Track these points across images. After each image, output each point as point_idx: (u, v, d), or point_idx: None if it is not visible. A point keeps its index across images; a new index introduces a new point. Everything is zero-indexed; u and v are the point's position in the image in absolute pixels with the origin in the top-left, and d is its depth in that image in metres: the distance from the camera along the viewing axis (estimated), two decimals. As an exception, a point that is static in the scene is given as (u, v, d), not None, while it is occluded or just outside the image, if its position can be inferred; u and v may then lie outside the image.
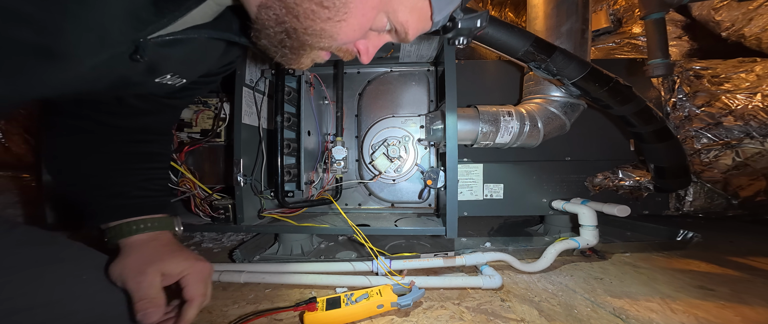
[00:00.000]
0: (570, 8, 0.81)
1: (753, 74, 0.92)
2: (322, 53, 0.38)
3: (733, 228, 1.14)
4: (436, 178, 0.86)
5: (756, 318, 0.55)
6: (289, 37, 0.34)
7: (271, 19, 0.33)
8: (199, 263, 0.46)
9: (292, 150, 0.85)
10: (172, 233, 0.49)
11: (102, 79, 0.36)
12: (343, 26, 0.34)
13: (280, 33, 0.34)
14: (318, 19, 0.33)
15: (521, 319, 0.55)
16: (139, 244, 0.45)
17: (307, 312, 0.54)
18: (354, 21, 0.34)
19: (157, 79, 0.41)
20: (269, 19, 0.33)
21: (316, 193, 0.97)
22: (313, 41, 0.35)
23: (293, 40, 0.34)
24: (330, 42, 0.35)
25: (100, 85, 0.37)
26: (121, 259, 0.43)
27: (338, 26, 0.33)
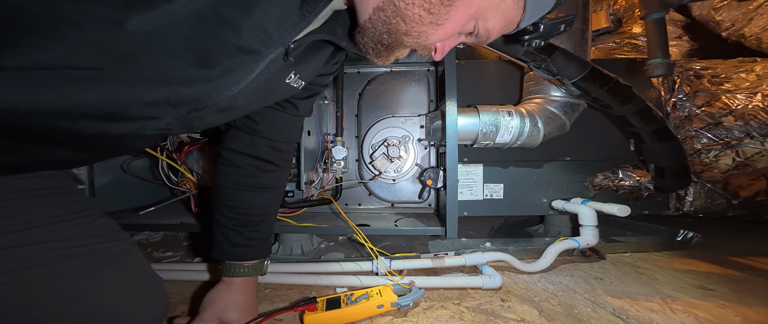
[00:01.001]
0: (570, 8, 0.81)
1: (753, 74, 0.92)
2: (406, 50, 0.41)
3: (733, 228, 1.14)
4: (436, 178, 0.86)
5: (756, 318, 0.55)
6: (389, 36, 0.37)
7: (380, 21, 0.36)
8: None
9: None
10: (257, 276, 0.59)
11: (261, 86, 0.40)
12: (439, 29, 0.37)
13: (384, 33, 0.37)
14: (421, 22, 0.36)
15: (521, 319, 0.55)
16: (234, 283, 0.55)
17: (307, 312, 0.54)
18: (450, 26, 0.37)
19: (287, 80, 0.45)
20: (379, 20, 0.36)
21: (316, 193, 0.97)
22: (409, 41, 0.38)
23: (392, 39, 0.38)
24: (423, 41, 0.38)
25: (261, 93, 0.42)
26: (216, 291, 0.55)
27: (436, 29, 0.37)
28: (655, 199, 0.95)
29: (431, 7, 0.34)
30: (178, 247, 0.96)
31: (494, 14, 0.37)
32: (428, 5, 0.34)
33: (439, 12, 0.35)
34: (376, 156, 0.99)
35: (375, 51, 0.40)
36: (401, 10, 0.35)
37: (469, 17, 0.37)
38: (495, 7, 0.36)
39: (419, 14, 0.35)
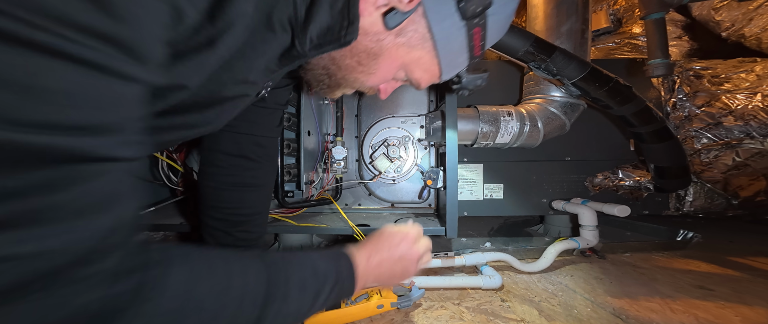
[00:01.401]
0: (570, 8, 0.81)
1: (753, 74, 0.92)
2: (350, 90, 0.48)
3: (733, 228, 1.14)
4: (436, 178, 0.86)
5: (756, 318, 0.55)
6: (329, 78, 0.44)
7: (320, 66, 0.43)
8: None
9: (292, 150, 0.84)
10: None
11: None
12: (371, 77, 0.44)
13: (323, 75, 0.44)
14: (354, 71, 0.43)
15: (521, 319, 0.55)
16: None
17: (307, 312, 0.54)
18: (380, 74, 0.43)
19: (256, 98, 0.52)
20: (318, 65, 0.43)
21: (316, 193, 0.97)
22: (346, 84, 0.45)
23: (332, 80, 0.44)
24: (359, 86, 0.46)
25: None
26: None
27: (368, 77, 0.43)
28: (655, 199, 0.95)
29: (361, 59, 0.41)
30: (178, 247, 0.96)
31: (417, 68, 0.44)
32: (358, 58, 0.41)
33: (367, 64, 0.42)
34: (376, 156, 0.99)
35: (318, 88, 0.46)
36: (336, 59, 0.42)
37: (396, 68, 0.43)
38: (416, 63, 0.43)
39: (351, 65, 0.42)
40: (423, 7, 0.38)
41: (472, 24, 0.40)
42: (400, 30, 0.39)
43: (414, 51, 0.41)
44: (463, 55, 0.44)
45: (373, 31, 0.39)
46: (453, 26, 0.40)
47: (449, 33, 0.40)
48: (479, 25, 0.41)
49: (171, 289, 0.24)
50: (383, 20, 0.38)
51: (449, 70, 0.46)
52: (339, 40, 0.37)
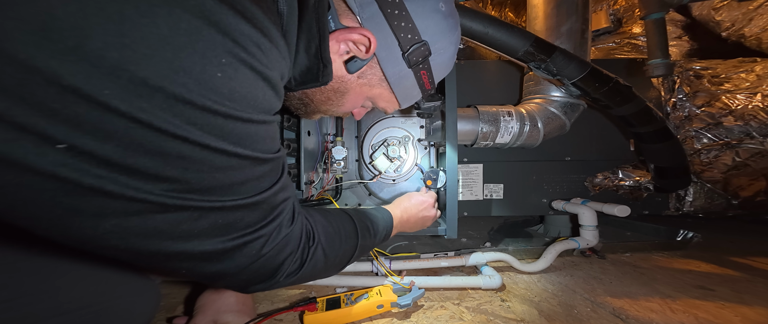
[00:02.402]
0: (570, 8, 0.81)
1: (753, 74, 0.92)
2: (327, 115, 0.57)
3: (733, 228, 1.14)
4: (436, 178, 0.86)
5: (756, 318, 0.55)
6: (305, 106, 0.52)
7: (296, 98, 0.51)
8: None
9: (292, 150, 0.84)
10: None
11: None
12: (341, 108, 0.52)
13: (300, 104, 0.52)
14: (324, 104, 0.51)
15: (521, 319, 0.55)
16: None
17: (307, 312, 0.54)
18: (348, 106, 0.52)
19: None
20: (294, 97, 0.51)
21: (316, 193, 0.97)
22: (320, 112, 0.54)
23: (308, 108, 0.53)
24: (332, 114, 0.55)
25: None
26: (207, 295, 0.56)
27: (338, 108, 0.52)
28: (655, 199, 0.95)
29: (329, 96, 0.49)
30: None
31: (379, 100, 0.52)
32: (326, 96, 0.49)
33: (335, 99, 0.50)
34: (376, 156, 0.99)
35: (298, 113, 0.55)
36: (308, 94, 0.49)
37: (361, 100, 0.52)
38: (379, 96, 0.51)
39: (321, 99, 0.50)
40: (377, 57, 0.47)
41: (418, 68, 0.49)
42: (361, 74, 0.48)
43: (374, 89, 0.50)
44: (416, 90, 0.52)
45: (338, 75, 0.47)
46: (402, 71, 0.48)
47: (400, 75, 0.49)
48: (424, 68, 0.49)
49: (320, 228, 0.43)
50: (346, 66, 0.46)
51: (407, 101, 0.54)
52: (318, 79, 0.44)
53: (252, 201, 0.32)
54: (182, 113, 0.24)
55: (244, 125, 0.29)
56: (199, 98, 0.25)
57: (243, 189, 0.31)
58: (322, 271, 0.43)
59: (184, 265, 0.31)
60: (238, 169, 0.30)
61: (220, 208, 0.29)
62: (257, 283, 0.37)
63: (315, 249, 0.40)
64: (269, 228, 0.34)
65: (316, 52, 0.41)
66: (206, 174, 0.27)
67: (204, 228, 0.30)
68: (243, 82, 0.28)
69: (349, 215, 0.52)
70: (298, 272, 0.39)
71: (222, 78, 0.26)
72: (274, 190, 0.34)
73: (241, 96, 0.28)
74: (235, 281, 0.36)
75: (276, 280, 0.37)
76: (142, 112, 0.23)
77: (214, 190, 0.29)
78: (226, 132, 0.27)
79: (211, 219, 0.30)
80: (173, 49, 0.23)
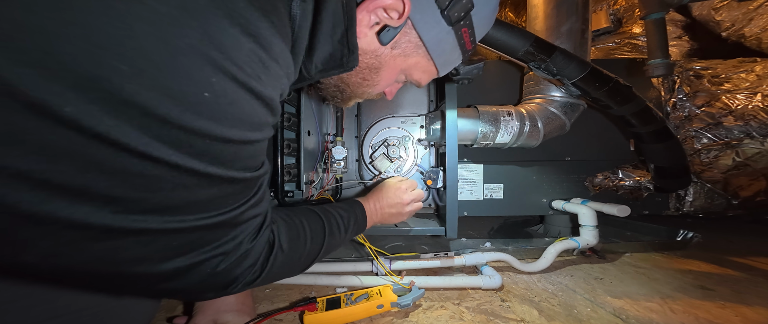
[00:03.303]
0: (570, 8, 0.81)
1: (753, 74, 0.92)
2: (361, 99, 0.54)
3: (733, 228, 1.14)
4: (436, 178, 0.86)
5: (756, 318, 0.55)
6: (341, 93, 0.51)
7: (331, 85, 0.50)
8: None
9: (292, 150, 0.84)
10: None
11: None
12: (376, 87, 0.50)
13: (335, 90, 0.50)
14: (360, 86, 0.49)
15: (521, 319, 0.55)
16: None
17: (307, 312, 0.54)
18: (383, 83, 0.49)
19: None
20: (330, 85, 0.49)
21: (316, 193, 0.97)
22: (356, 96, 0.52)
23: (343, 94, 0.51)
24: (367, 96, 0.53)
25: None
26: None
27: (373, 88, 0.50)
28: (655, 199, 0.95)
29: (365, 76, 0.47)
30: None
31: (415, 71, 0.49)
32: (362, 75, 0.47)
33: (371, 78, 0.47)
34: (376, 156, 0.99)
35: (333, 101, 0.54)
36: (343, 79, 0.48)
37: (395, 75, 0.49)
38: (414, 66, 0.48)
39: (357, 81, 0.48)
40: (411, 21, 0.42)
41: (459, 26, 0.44)
42: (395, 43, 0.44)
43: (410, 58, 0.46)
44: (456, 53, 0.48)
45: (371, 50, 0.44)
46: (441, 32, 0.44)
47: (439, 38, 0.45)
48: (465, 25, 0.44)
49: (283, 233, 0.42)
50: (378, 38, 0.42)
51: (445, 67, 0.50)
52: (342, 66, 0.42)
53: (214, 221, 0.30)
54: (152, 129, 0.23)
55: (224, 146, 0.27)
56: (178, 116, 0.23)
57: (207, 207, 0.29)
58: (282, 275, 0.43)
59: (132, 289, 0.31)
60: (205, 187, 0.28)
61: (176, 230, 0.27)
62: (210, 293, 0.36)
63: (274, 258, 0.39)
64: (229, 246, 0.32)
65: (343, 37, 0.39)
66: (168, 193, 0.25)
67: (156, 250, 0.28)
68: (233, 101, 0.26)
69: (318, 215, 0.50)
70: (254, 282, 0.37)
71: (209, 97, 0.24)
72: (242, 209, 0.32)
73: (229, 115, 0.26)
74: (187, 295, 0.38)
75: (230, 290, 0.36)
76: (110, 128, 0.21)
77: (173, 209, 0.27)
78: (201, 151, 0.26)
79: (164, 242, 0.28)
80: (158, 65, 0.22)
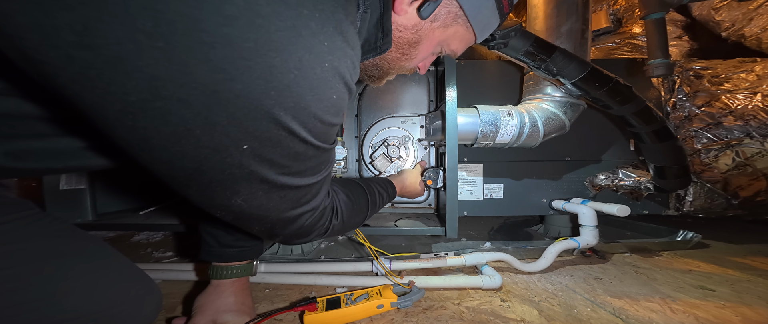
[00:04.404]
0: (570, 8, 0.81)
1: (753, 74, 0.92)
2: (393, 76, 0.53)
3: (733, 228, 1.14)
4: (436, 177, 0.86)
5: (756, 318, 0.55)
6: (378, 71, 0.50)
7: (371, 65, 0.48)
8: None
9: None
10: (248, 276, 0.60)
11: None
12: (413, 61, 0.49)
13: (374, 70, 0.50)
14: (399, 61, 0.48)
15: (521, 319, 0.55)
16: (223, 285, 0.56)
17: (307, 312, 0.54)
18: (420, 56, 0.49)
19: None
20: (369, 65, 0.48)
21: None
22: (393, 72, 0.51)
23: (381, 72, 0.50)
24: (403, 71, 0.52)
25: None
26: (205, 295, 0.55)
27: (411, 62, 0.49)
28: (655, 199, 0.95)
29: (404, 51, 0.46)
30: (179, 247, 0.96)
31: (453, 40, 0.48)
32: (402, 50, 0.46)
33: (410, 52, 0.47)
34: (376, 156, 0.99)
35: (368, 81, 0.53)
36: (383, 57, 0.46)
37: (434, 46, 0.48)
38: (452, 36, 0.47)
39: (396, 57, 0.47)
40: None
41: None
42: (435, 15, 0.43)
43: (449, 28, 0.45)
44: (495, 17, 0.47)
45: (411, 25, 0.43)
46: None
47: (480, 4, 0.44)
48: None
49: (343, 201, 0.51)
50: (418, 12, 0.42)
51: (483, 33, 0.49)
52: (377, 49, 0.43)
53: (315, 180, 0.39)
54: (308, 123, 0.32)
55: (329, 127, 0.35)
56: (321, 114, 0.32)
57: (315, 171, 0.38)
58: (340, 232, 0.53)
59: (260, 227, 0.40)
60: (316, 157, 0.36)
61: (300, 187, 0.37)
62: (298, 239, 0.45)
63: (337, 219, 0.48)
64: (315, 202, 0.42)
65: (378, 21, 0.40)
66: (301, 162, 0.35)
67: (289, 199, 0.37)
68: (338, 95, 0.33)
69: (364, 189, 0.60)
70: (324, 234, 0.47)
71: (334, 99, 0.32)
72: (324, 174, 0.40)
73: (335, 107, 0.33)
74: (289, 238, 0.44)
75: (310, 238, 0.46)
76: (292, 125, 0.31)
77: (303, 172, 0.36)
78: (320, 133, 0.34)
79: (294, 195, 0.37)
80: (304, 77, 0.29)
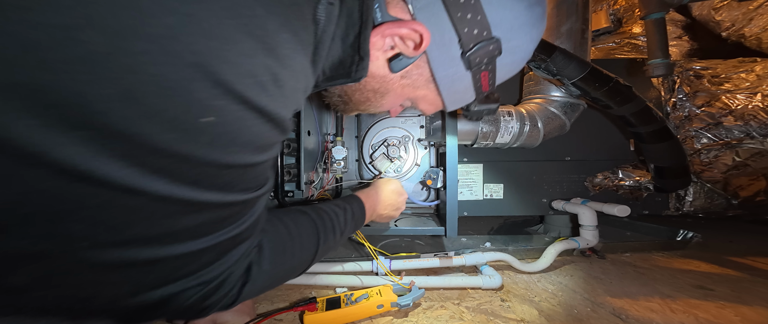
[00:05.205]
0: (570, 8, 0.81)
1: (753, 74, 0.92)
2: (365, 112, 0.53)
3: (733, 228, 1.14)
4: (436, 177, 0.86)
5: (756, 318, 0.55)
6: (344, 104, 0.49)
7: (336, 95, 0.48)
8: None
9: (292, 150, 0.84)
10: None
11: None
12: (380, 107, 0.48)
13: (340, 101, 0.49)
14: (364, 104, 0.47)
15: (521, 319, 0.55)
16: None
17: (307, 312, 0.54)
18: (387, 105, 0.48)
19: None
20: (335, 94, 0.48)
21: (316, 193, 0.97)
22: (359, 110, 0.50)
23: (347, 106, 0.49)
24: (370, 112, 0.51)
25: None
26: None
27: (377, 107, 0.48)
28: (655, 199, 0.95)
29: (368, 96, 0.45)
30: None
31: (421, 102, 0.47)
32: (365, 97, 0.45)
33: (374, 100, 0.46)
34: (376, 156, 0.99)
35: (336, 108, 0.51)
36: (347, 93, 0.46)
37: (401, 101, 0.47)
38: (422, 99, 0.46)
39: (361, 99, 0.46)
40: (427, 55, 0.40)
41: (479, 70, 0.40)
42: (405, 73, 0.42)
43: (419, 90, 0.44)
44: (470, 93, 0.45)
45: (380, 75, 0.41)
46: (457, 72, 0.41)
47: (453, 78, 0.41)
48: (487, 69, 0.40)
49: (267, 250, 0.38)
50: (389, 65, 0.40)
51: (454, 105, 0.48)
52: (349, 74, 0.38)
53: (200, 247, 0.28)
54: (137, 158, 0.21)
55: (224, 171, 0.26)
56: (169, 144, 0.22)
57: (195, 233, 0.27)
58: (265, 290, 0.40)
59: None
60: (194, 214, 0.26)
61: (152, 261, 0.26)
62: (180, 319, 0.38)
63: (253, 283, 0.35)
64: (211, 274, 0.30)
65: (354, 41, 0.36)
66: (149, 222, 0.24)
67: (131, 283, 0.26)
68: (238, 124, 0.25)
69: (312, 220, 0.46)
70: (229, 306, 0.34)
71: (209, 121, 0.23)
72: (233, 233, 0.30)
73: (231, 140, 0.25)
74: (165, 318, 0.37)
75: (206, 313, 0.33)
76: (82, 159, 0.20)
77: (153, 239, 0.25)
78: (195, 179, 0.24)
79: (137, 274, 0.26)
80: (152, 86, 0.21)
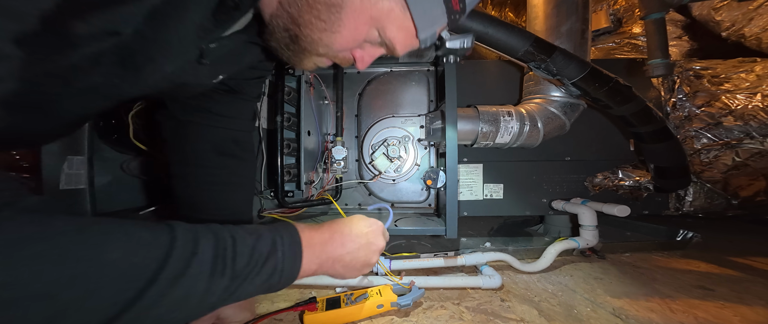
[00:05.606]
0: (570, 8, 0.81)
1: (753, 74, 0.92)
2: (323, 59, 0.42)
3: (733, 228, 1.15)
4: (436, 178, 0.86)
5: (756, 318, 0.55)
6: (293, 43, 0.39)
7: (279, 27, 0.38)
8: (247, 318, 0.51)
9: (292, 150, 0.84)
10: None
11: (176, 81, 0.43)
12: (337, 37, 0.38)
13: (286, 38, 0.39)
14: (316, 29, 0.37)
15: (521, 319, 0.55)
16: None
17: (307, 312, 0.54)
18: (347, 33, 0.38)
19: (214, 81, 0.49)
20: (278, 26, 0.38)
21: (316, 193, 0.97)
22: (312, 48, 0.39)
23: (296, 45, 0.39)
24: (326, 50, 0.40)
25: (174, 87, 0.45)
26: None
27: (333, 37, 0.38)
28: (655, 199, 0.95)
29: (319, 13, 0.36)
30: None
31: (389, 23, 0.38)
32: (317, 12, 0.36)
33: (329, 19, 0.36)
34: (376, 156, 0.99)
35: (286, 55, 0.42)
36: (294, 16, 0.37)
37: (365, 25, 0.38)
38: (386, 17, 0.37)
39: (310, 20, 0.36)
40: None
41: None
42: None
43: (381, 1, 0.36)
44: (440, 9, 0.38)
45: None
46: None
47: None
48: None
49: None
50: None
51: (427, 26, 0.39)
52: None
53: None
54: None
55: None
56: None
57: None
58: None
59: None
60: None
61: None
62: None
63: None
64: None
65: None
66: None
67: None
68: None
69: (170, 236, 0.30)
70: None
71: None
72: None
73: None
74: None
75: None
76: None
77: None
78: None
79: None
80: None
